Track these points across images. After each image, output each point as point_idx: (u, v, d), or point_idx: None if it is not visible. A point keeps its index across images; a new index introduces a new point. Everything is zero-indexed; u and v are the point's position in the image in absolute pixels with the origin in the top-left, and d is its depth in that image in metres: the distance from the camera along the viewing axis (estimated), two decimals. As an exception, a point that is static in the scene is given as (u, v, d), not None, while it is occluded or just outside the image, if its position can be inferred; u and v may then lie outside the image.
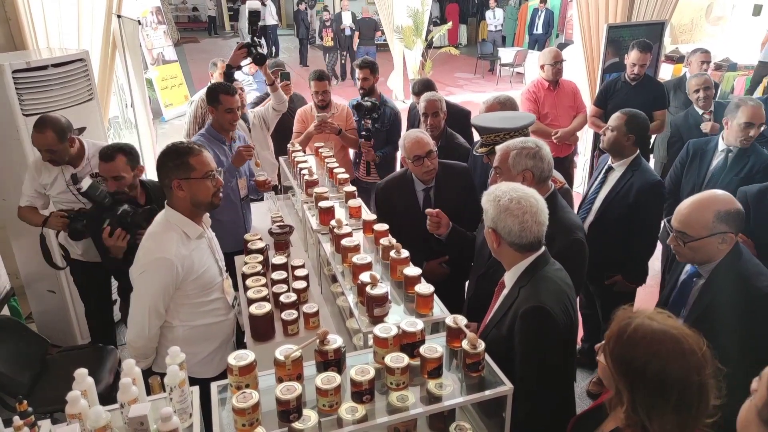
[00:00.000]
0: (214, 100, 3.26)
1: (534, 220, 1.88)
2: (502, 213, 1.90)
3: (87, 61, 3.68)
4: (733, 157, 3.33)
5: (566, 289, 1.94)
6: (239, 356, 1.64)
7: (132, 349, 2.17)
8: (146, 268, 2.12)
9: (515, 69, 12.06)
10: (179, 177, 2.15)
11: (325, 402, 1.58)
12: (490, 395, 1.69)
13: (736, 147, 3.30)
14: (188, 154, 2.17)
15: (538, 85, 4.72)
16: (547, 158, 2.33)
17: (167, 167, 2.16)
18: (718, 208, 1.96)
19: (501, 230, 1.91)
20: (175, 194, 2.18)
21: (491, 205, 1.94)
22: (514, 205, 1.88)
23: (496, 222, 1.92)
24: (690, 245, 1.97)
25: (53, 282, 3.77)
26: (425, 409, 1.68)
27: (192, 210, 2.23)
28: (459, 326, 1.82)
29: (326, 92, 4.18)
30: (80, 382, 1.51)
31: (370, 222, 2.59)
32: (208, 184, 2.21)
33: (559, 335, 1.84)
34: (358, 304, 2.16)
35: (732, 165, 3.34)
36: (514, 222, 1.87)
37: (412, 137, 2.89)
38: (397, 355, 1.70)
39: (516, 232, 1.88)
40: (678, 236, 2.00)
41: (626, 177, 3.04)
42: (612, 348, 1.33)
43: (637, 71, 4.51)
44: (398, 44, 9.71)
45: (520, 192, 1.93)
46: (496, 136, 2.60)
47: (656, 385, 1.25)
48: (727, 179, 3.34)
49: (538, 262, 1.93)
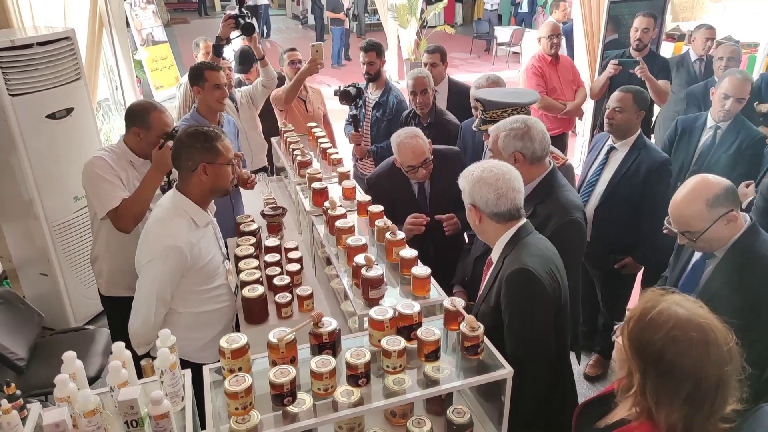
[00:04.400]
0: (199, 77, 3.10)
1: (508, 186, 1.90)
2: (477, 184, 1.93)
3: (73, 39, 3.58)
4: (722, 133, 3.27)
5: (550, 255, 1.95)
6: (231, 339, 1.60)
7: (135, 337, 2.11)
8: (155, 256, 2.06)
9: (512, 48, 11.90)
10: (207, 160, 2.10)
11: (320, 386, 1.54)
12: (490, 378, 1.66)
13: (724, 123, 3.24)
14: (216, 138, 2.13)
15: (540, 59, 4.65)
16: (539, 137, 2.25)
17: (194, 149, 2.09)
18: (705, 196, 1.90)
19: (479, 202, 1.93)
20: (195, 178, 2.12)
21: (466, 181, 1.98)
22: (487, 174, 1.92)
23: (473, 195, 1.95)
24: (700, 239, 1.92)
25: (46, 265, 3.71)
26: (422, 393, 1.65)
27: (205, 196, 2.18)
28: (457, 309, 1.77)
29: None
30: (69, 365, 1.47)
31: (365, 203, 2.54)
32: (229, 170, 2.18)
33: (546, 297, 1.85)
34: (353, 287, 2.11)
35: (721, 142, 3.28)
36: (489, 190, 1.90)
37: (408, 147, 2.73)
38: (394, 337, 1.66)
39: (493, 200, 1.90)
40: (684, 235, 1.96)
41: (632, 157, 2.97)
42: (632, 327, 1.29)
43: (640, 36, 4.40)
44: (392, 23, 9.56)
45: (491, 163, 1.99)
46: (503, 111, 2.52)
47: (670, 371, 1.21)
48: (716, 156, 3.29)
49: (520, 232, 1.94)
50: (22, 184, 3.49)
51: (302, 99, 4.29)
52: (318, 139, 3.37)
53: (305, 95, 4.30)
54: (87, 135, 3.78)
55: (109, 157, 2.53)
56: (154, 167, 2.51)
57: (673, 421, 1.22)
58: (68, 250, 3.77)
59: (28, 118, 3.40)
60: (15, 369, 2.84)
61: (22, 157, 3.42)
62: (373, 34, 14.85)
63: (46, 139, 3.50)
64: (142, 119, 2.51)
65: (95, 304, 4.05)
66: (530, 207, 2.27)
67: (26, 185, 3.49)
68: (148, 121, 2.51)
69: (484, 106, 2.59)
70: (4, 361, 2.81)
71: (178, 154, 2.16)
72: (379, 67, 4.14)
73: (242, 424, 1.48)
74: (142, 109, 2.54)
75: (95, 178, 2.46)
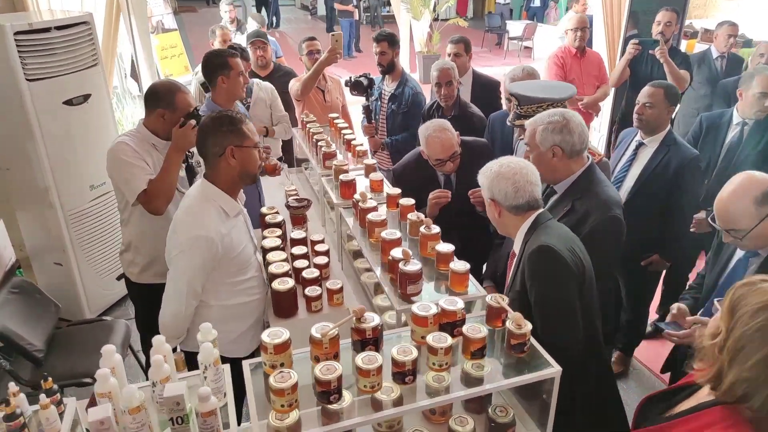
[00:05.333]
0: (224, 66, 3.00)
1: (525, 179, 1.93)
2: (495, 179, 1.97)
3: (91, 24, 3.52)
4: (749, 130, 3.22)
5: (571, 236, 1.97)
6: (274, 333, 1.55)
7: (165, 329, 2.05)
8: (185, 247, 2.00)
9: (524, 43, 11.80)
10: (234, 143, 2.04)
11: (366, 383, 1.49)
12: (537, 377, 1.60)
13: (752, 120, 3.18)
14: (242, 121, 2.07)
15: (565, 51, 4.64)
16: (578, 130, 2.20)
17: (221, 132, 2.03)
18: (753, 193, 1.85)
19: (498, 195, 1.96)
20: (223, 163, 2.06)
21: (485, 177, 2.02)
22: (504, 169, 1.96)
23: (492, 190, 1.98)
24: (747, 237, 1.87)
25: (60, 254, 3.66)
26: (468, 392, 1.59)
27: (235, 183, 2.12)
28: (501, 305, 1.72)
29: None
30: (108, 359, 1.42)
31: (395, 196, 2.48)
32: (256, 154, 2.12)
33: (569, 271, 1.85)
34: (388, 281, 2.06)
35: (749, 139, 3.23)
36: (507, 183, 1.93)
37: (437, 140, 2.70)
38: (440, 334, 1.61)
39: (512, 194, 1.93)
40: (731, 233, 1.90)
41: (662, 152, 2.91)
42: (737, 288, 1.32)
43: (662, 29, 4.38)
44: (405, 15, 9.46)
45: (508, 159, 2.03)
46: (538, 106, 2.46)
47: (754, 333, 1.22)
48: (744, 153, 3.24)
49: (538, 218, 1.96)
50: (38, 171, 3.43)
51: (321, 89, 4.23)
52: (341, 131, 3.30)
53: (324, 85, 4.24)
54: (104, 122, 3.73)
55: (132, 142, 2.47)
56: (174, 145, 2.45)
57: (738, 380, 1.23)
58: (83, 240, 3.71)
59: (45, 104, 3.33)
60: (34, 360, 2.80)
61: (38, 144, 3.36)
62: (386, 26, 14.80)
63: (63, 125, 3.44)
64: (167, 100, 2.45)
65: (110, 294, 4.03)
66: (568, 202, 2.22)
67: (42, 173, 3.43)
68: (174, 102, 2.45)
69: (519, 101, 2.52)
70: (22, 352, 2.76)
71: (204, 141, 2.09)
72: (392, 58, 4.06)
73: (282, 420, 1.44)
74: (167, 90, 2.48)
75: (122, 164, 2.41)
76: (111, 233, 3.88)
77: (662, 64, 4.35)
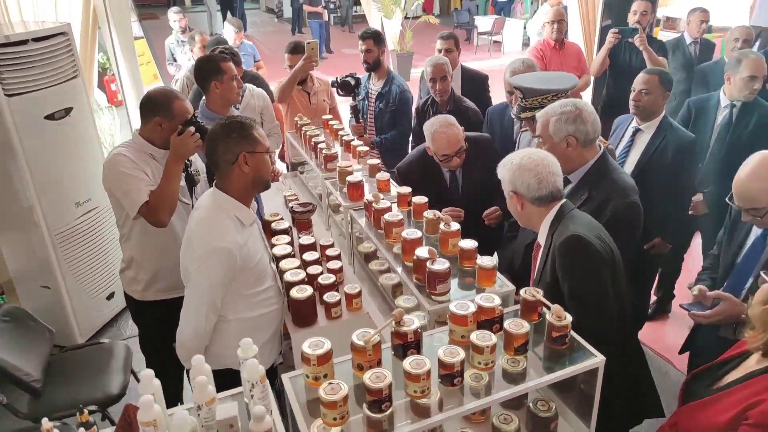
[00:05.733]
0: (217, 71, 2.92)
1: (548, 170, 1.92)
2: (517, 171, 1.94)
3: (70, 35, 3.38)
4: (738, 111, 3.29)
5: (596, 224, 1.96)
6: (315, 344, 1.49)
7: (186, 349, 1.96)
8: (204, 260, 1.91)
9: (493, 37, 11.88)
10: (247, 150, 1.96)
11: (416, 388, 1.44)
12: (582, 369, 1.59)
13: (740, 101, 3.25)
14: (252, 127, 2.00)
15: (544, 43, 4.68)
16: (590, 119, 2.21)
17: (232, 139, 1.95)
18: None
19: (521, 188, 1.94)
20: (236, 171, 1.98)
21: (506, 170, 1.99)
22: (526, 161, 1.94)
23: (514, 183, 1.96)
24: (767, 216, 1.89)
25: (47, 277, 3.50)
26: (513, 390, 1.56)
27: (247, 191, 2.05)
28: (537, 298, 1.70)
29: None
30: (147, 384, 1.34)
31: (405, 195, 2.44)
32: (268, 159, 2.05)
33: (601, 258, 1.85)
34: (413, 282, 2.02)
35: (738, 120, 3.30)
36: (531, 175, 1.92)
37: (443, 135, 2.68)
38: (483, 332, 1.58)
39: (535, 186, 1.91)
40: (750, 212, 1.93)
41: (659, 137, 2.94)
42: None
43: (639, 19, 4.46)
44: (376, 14, 9.42)
45: (528, 151, 2.01)
46: (543, 98, 2.45)
47: None
48: (735, 134, 3.31)
49: (563, 208, 1.96)
50: (21, 190, 3.28)
51: (306, 91, 4.16)
52: (338, 132, 3.25)
53: (310, 87, 4.16)
54: (87, 136, 3.59)
55: (130, 153, 2.37)
56: (174, 154, 2.35)
57: None
58: (71, 260, 3.56)
59: (26, 119, 3.18)
60: (31, 391, 2.64)
61: (20, 162, 3.20)
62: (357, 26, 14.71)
63: (46, 141, 3.29)
64: (165, 108, 2.36)
65: (100, 315, 3.89)
66: (584, 191, 2.21)
67: (25, 192, 3.28)
68: (172, 110, 2.36)
69: (524, 94, 2.51)
70: (18, 384, 2.61)
71: (214, 149, 2.00)
72: (378, 56, 4.03)
73: None
74: (164, 98, 2.38)
75: (121, 177, 2.31)
76: (100, 251, 3.74)
77: (640, 51, 4.42)
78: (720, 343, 2.03)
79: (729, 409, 1.44)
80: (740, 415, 1.40)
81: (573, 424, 1.77)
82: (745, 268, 2.03)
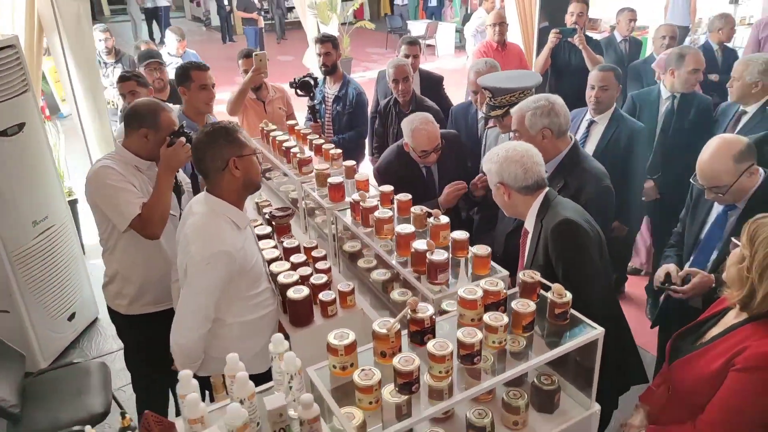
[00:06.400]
0: (185, 78, 2.98)
1: (532, 161, 2.05)
2: (504, 163, 2.06)
3: (18, 47, 3.24)
4: (678, 102, 3.58)
5: (581, 209, 2.11)
6: (340, 335, 1.54)
7: (184, 354, 1.97)
8: (203, 266, 1.91)
9: (426, 41, 12.17)
10: (236, 154, 1.98)
11: (441, 368, 1.52)
12: (584, 340, 1.72)
13: (680, 93, 3.54)
14: (237, 130, 2.01)
15: (487, 45, 4.92)
16: (563, 111, 2.38)
17: (219, 145, 1.96)
18: (732, 152, 2.09)
19: (508, 179, 2.06)
20: (227, 176, 1.99)
21: (492, 163, 2.10)
22: (512, 153, 2.06)
23: (501, 174, 2.07)
24: (729, 192, 2.10)
25: (6, 300, 3.33)
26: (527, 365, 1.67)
27: (240, 194, 2.06)
28: (536, 279, 1.82)
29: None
30: (186, 384, 1.35)
31: (388, 193, 2.53)
32: (256, 161, 2.07)
33: (591, 240, 2.00)
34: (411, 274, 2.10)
35: (680, 109, 3.59)
36: (517, 166, 2.03)
37: (423, 132, 2.78)
38: (495, 313, 1.68)
39: (521, 176, 2.03)
40: (713, 190, 2.13)
41: (612, 128, 3.17)
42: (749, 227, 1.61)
43: (576, 20, 4.76)
44: (311, 20, 9.44)
45: (511, 144, 2.13)
46: (511, 96, 2.60)
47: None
48: (678, 123, 3.60)
49: (548, 196, 2.08)
50: (-26, 211, 3.12)
51: (261, 100, 4.15)
52: (307, 136, 3.29)
53: (265, 95, 4.16)
54: (40, 152, 3.45)
55: (116, 165, 2.33)
56: (165, 165, 2.34)
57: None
58: (31, 281, 3.40)
59: (-23, 137, 3.04)
60: (10, 417, 2.53)
61: (-28, 182, 3.05)
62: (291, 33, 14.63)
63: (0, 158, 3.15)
64: (151, 120, 2.34)
65: (62, 337, 3.75)
66: (560, 179, 2.37)
67: (-22, 213, 3.12)
68: (158, 122, 2.34)
69: (493, 93, 2.65)
70: (0, 413, 2.50)
71: (202, 157, 2.01)
72: (336, 59, 4.13)
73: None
74: (150, 110, 2.36)
75: (109, 190, 2.26)
76: (59, 270, 3.60)
77: (579, 50, 4.72)
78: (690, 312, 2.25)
79: (715, 359, 1.62)
80: (727, 363, 1.58)
81: (573, 396, 1.90)
82: (709, 243, 2.25)
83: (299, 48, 12.28)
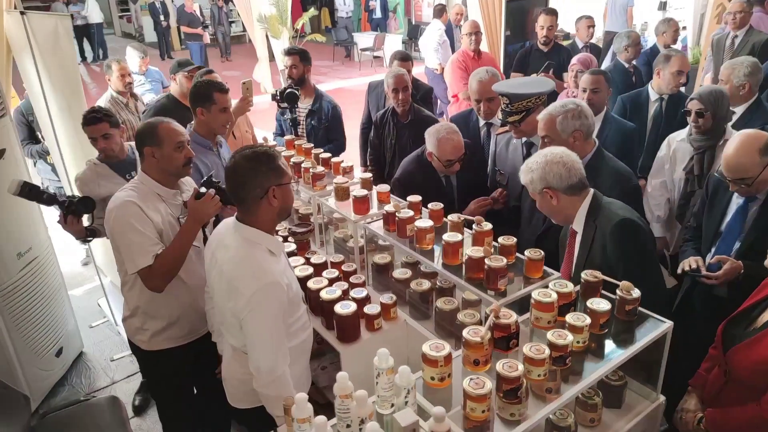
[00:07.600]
0: (207, 99, 2.82)
1: (572, 159, 2.10)
2: (547, 167, 2.08)
3: (-6, 68, 3.02)
4: (666, 104, 3.78)
5: (630, 208, 2.14)
6: (436, 347, 1.53)
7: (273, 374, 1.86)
8: (257, 301, 1.81)
9: (374, 53, 12.26)
10: (276, 183, 1.88)
11: (540, 372, 1.54)
12: (656, 335, 1.78)
13: (667, 95, 3.74)
14: (278, 157, 1.91)
15: (464, 54, 5.06)
16: (589, 113, 2.48)
17: (260, 172, 1.85)
18: (757, 146, 2.22)
19: (553, 181, 2.08)
20: (264, 204, 1.88)
21: (532, 172, 2.11)
22: (551, 156, 2.10)
23: (545, 178, 2.09)
24: (754, 184, 2.23)
25: (-12, 334, 3.07)
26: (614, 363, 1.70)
27: (273, 222, 1.97)
28: (599, 278, 1.87)
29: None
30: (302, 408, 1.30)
31: (417, 203, 2.53)
32: (292, 189, 2.01)
33: (649, 237, 2.07)
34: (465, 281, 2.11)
35: (668, 111, 3.78)
36: (559, 166, 2.07)
37: (449, 142, 2.79)
38: (576, 314, 1.71)
39: (566, 175, 2.07)
40: (738, 182, 2.25)
41: (605, 129, 3.27)
42: None
43: (546, 33, 4.93)
44: (260, 34, 9.32)
45: (547, 150, 2.15)
46: (528, 101, 2.66)
47: None
48: (668, 123, 3.79)
49: (596, 196, 2.13)
50: (-46, 246, 2.86)
51: None
52: (311, 150, 3.24)
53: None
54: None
55: (138, 199, 2.21)
56: (192, 218, 2.22)
57: None
58: (18, 317, 3.16)
59: (-43, 165, 2.80)
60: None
61: (-48, 214, 2.80)
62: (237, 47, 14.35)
63: (-20, 188, 2.91)
64: (150, 136, 2.25)
65: (50, 374, 3.52)
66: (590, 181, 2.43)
67: (-41, 247, 2.87)
68: (157, 136, 2.24)
69: (510, 99, 2.71)
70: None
71: (242, 185, 1.88)
72: (304, 73, 4.01)
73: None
74: (147, 127, 2.28)
75: (128, 229, 2.15)
76: (45, 304, 3.37)
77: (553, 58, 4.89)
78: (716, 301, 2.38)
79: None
80: None
81: (636, 389, 1.95)
82: (731, 233, 2.38)
83: (244, 63, 12.09)
